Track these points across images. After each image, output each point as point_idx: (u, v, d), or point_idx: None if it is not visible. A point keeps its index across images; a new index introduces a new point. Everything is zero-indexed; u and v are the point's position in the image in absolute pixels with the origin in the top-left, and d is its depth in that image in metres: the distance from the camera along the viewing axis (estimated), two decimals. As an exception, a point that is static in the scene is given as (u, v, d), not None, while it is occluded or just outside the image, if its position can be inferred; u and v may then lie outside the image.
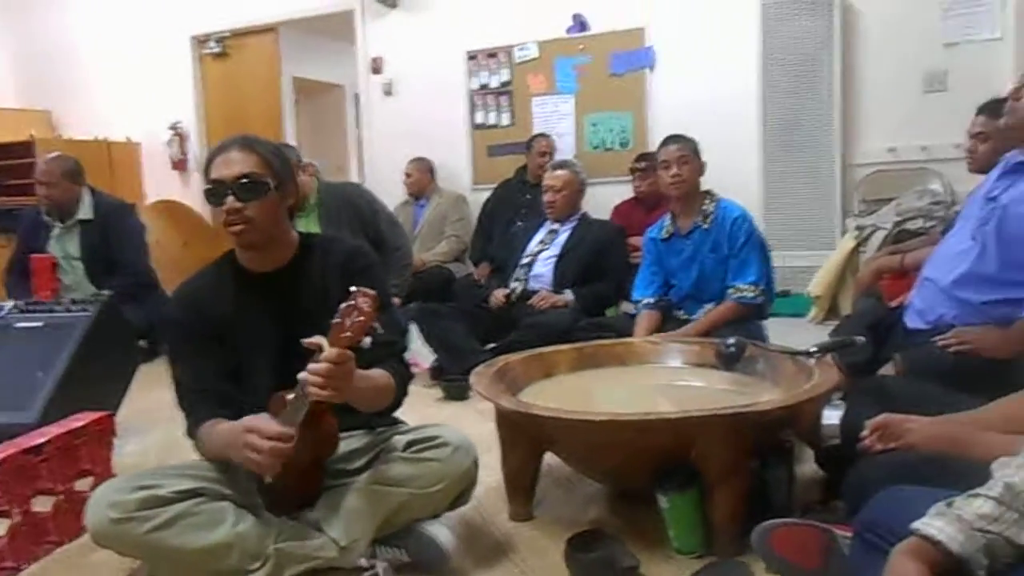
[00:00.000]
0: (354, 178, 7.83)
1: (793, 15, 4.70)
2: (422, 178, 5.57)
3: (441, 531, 1.82)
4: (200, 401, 1.77)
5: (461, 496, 1.85)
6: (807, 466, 2.19)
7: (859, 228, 4.21)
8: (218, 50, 6.72)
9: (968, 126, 2.80)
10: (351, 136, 8.60)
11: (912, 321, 2.24)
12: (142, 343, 3.59)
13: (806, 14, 4.67)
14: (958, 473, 1.21)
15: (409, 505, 1.77)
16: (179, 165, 6.97)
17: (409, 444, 1.80)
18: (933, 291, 2.19)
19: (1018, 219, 1.96)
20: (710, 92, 5.01)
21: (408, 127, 5.98)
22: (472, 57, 5.79)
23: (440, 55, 5.86)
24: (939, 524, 1.05)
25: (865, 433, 1.54)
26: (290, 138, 6.56)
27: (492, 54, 5.72)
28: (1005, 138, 2.15)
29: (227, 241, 1.82)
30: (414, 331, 3.47)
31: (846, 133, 4.75)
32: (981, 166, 2.64)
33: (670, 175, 2.99)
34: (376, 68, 6.14)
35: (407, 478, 1.75)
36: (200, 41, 6.82)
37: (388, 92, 6.13)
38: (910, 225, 3.94)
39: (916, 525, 1.06)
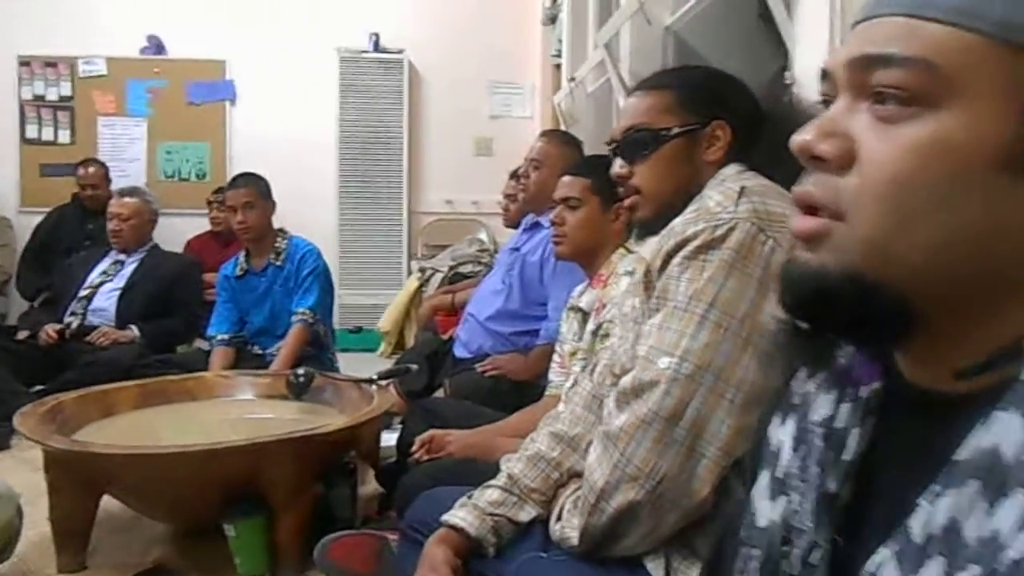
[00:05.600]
0: None
1: (368, 70, 5.11)
2: (-50, 195, 4.73)
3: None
4: None
5: (2, 551, 1.67)
6: (371, 485, 2.39)
7: (422, 270, 4.66)
8: None
9: (504, 188, 3.35)
10: None
11: (459, 351, 2.62)
12: None
13: (380, 72, 5.11)
14: (484, 471, 1.48)
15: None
16: None
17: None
18: (474, 325, 2.59)
19: (531, 267, 2.46)
20: (292, 132, 5.15)
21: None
22: (25, 63, 5.13)
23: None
24: (461, 514, 1.27)
25: (415, 447, 1.79)
26: None
27: (51, 63, 5.14)
28: (527, 202, 2.65)
29: None
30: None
31: (412, 184, 5.27)
32: (512, 221, 3.16)
33: (236, 221, 3.04)
34: None
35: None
36: None
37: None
38: (462, 269, 4.49)
39: (444, 517, 1.27)
